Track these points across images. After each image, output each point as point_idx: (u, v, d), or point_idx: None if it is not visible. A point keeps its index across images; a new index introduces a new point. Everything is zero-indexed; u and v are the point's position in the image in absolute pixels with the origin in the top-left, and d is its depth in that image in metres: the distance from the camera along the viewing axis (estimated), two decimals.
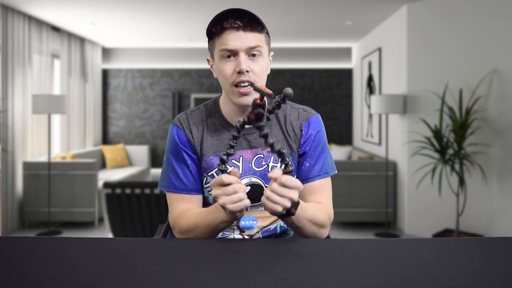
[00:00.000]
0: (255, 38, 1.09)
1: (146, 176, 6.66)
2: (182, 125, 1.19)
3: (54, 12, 4.69)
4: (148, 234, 3.22)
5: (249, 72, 1.09)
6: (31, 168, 4.51)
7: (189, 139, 1.18)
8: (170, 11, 4.72)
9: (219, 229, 1.07)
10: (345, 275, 0.80)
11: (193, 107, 1.25)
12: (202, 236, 1.09)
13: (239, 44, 1.08)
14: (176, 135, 1.19)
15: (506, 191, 3.71)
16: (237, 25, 1.08)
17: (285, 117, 1.20)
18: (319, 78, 7.06)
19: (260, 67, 1.11)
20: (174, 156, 1.18)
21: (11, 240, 1.05)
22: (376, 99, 4.48)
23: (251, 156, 1.17)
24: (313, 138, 1.19)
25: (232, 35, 1.08)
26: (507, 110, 3.72)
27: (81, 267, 0.83)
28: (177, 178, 1.17)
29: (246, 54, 1.09)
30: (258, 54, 1.10)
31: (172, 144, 1.19)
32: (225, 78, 1.11)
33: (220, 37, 1.10)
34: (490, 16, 3.84)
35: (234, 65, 1.09)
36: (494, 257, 0.92)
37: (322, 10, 4.66)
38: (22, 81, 4.59)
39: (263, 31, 1.12)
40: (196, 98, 7.03)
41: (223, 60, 1.10)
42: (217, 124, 1.18)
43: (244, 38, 1.08)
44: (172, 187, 1.18)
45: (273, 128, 1.19)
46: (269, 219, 1.19)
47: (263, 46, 1.12)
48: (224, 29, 1.09)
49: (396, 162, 4.60)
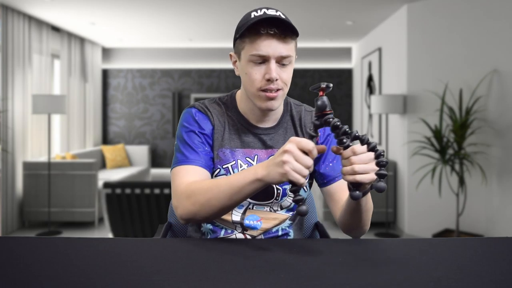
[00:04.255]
0: (288, 47, 1.08)
1: (146, 176, 6.66)
2: (205, 110, 1.18)
3: (54, 12, 4.69)
4: (148, 234, 3.22)
5: (278, 80, 1.08)
6: (31, 168, 4.51)
7: (210, 121, 1.17)
8: (170, 11, 4.71)
9: (246, 191, 0.98)
10: (345, 275, 0.80)
11: (207, 99, 1.23)
12: (217, 202, 1.00)
13: (272, 52, 1.06)
14: (196, 115, 1.17)
15: (506, 191, 3.71)
16: (273, 33, 1.05)
17: (300, 120, 1.22)
18: (319, 78, 7.05)
19: (288, 74, 1.10)
20: (191, 135, 1.15)
21: (11, 240, 1.05)
22: (376, 99, 4.48)
23: (266, 156, 1.17)
24: (331, 139, 1.22)
25: (266, 42, 1.06)
26: (507, 110, 3.72)
27: (81, 267, 0.83)
28: (192, 152, 1.13)
29: (276, 61, 1.08)
30: (287, 62, 1.09)
31: (189, 123, 1.16)
32: (252, 82, 1.10)
33: (253, 42, 1.07)
34: (490, 16, 3.83)
35: (263, 71, 1.08)
36: (494, 257, 0.92)
37: (322, 10, 4.66)
38: (22, 81, 4.59)
39: (295, 38, 1.11)
40: (196, 98, 7.03)
41: (252, 64, 1.09)
42: (234, 120, 1.19)
43: (278, 46, 1.06)
44: (185, 161, 1.12)
45: (288, 131, 1.21)
46: (273, 221, 1.18)
47: (293, 55, 1.10)
48: (260, 35, 1.06)
49: (396, 162, 4.60)
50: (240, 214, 1.16)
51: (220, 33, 5.95)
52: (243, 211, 1.16)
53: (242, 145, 1.17)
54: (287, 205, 1.18)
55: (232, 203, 1.01)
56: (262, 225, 1.16)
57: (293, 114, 1.23)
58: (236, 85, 7.08)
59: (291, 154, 0.89)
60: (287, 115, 1.22)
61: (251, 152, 1.17)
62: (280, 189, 1.15)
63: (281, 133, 1.20)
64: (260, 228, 1.16)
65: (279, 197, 1.16)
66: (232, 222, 1.16)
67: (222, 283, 0.75)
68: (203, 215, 1.04)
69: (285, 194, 1.16)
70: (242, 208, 1.16)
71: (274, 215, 1.17)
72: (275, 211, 1.17)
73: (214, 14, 4.84)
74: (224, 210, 1.03)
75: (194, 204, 1.03)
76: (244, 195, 0.99)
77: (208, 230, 1.19)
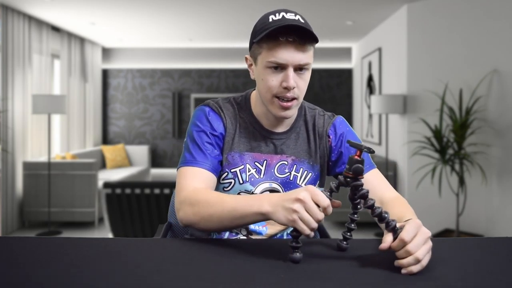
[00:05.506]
0: (307, 55, 1.04)
1: (146, 176, 6.66)
2: (219, 110, 1.15)
3: (54, 12, 4.69)
4: (148, 234, 3.22)
5: (295, 88, 1.05)
6: (31, 168, 4.51)
7: (223, 123, 1.14)
8: (170, 11, 4.71)
9: (247, 220, 0.95)
10: (345, 275, 0.80)
11: (221, 98, 1.19)
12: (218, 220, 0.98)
13: (290, 60, 1.03)
14: (210, 115, 1.14)
15: (506, 191, 3.71)
16: (293, 40, 1.02)
17: (314, 125, 1.20)
18: (319, 78, 7.05)
19: (305, 82, 1.08)
20: (201, 135, 1.12)
21: (11, 240, 1.05)
22: (376, 99, 4.48)
23: (275, 161, 1.15)
24: (344, 137, 1.18)
25: (285, 50, 1.02)
26: (507, 110, 3.72)
27: (81, 267, 0.83)
28: (200, 153, 1.10)
29: (294, 69, 1.05)
30: (305, 70, 1.07)
31: (202, 123, 1.13)
32: (268, 88, 1.07)
33: (271, 49, 1.04)
34: (490, 16, 3.83)
35: (280, 79, 1.05)
36: (494, 257, 0.92)
37: (322, 10, 4.66)
38: (22, 81, 4.59)
39: (314, 45, 1.07)
40: (196, 98, 7.03)
41: (269, 70, 1.06)
42: (247, 122, 1.16)
43: (296, 54, 1.03)
44: (193, 162, 1.09)
45: (300, 136, 1.18)
46: (278, 227, 1.17)
47: (311, 62, 1.07)
48: (279, 42, 1.02)
49: (396, 162, 4.60)
50: None
51: (220, 33, 5.95)
52: None
53: (252, 149, 1.15)
54: None
55: (233, 225, 0.99)
56: (267, 231, 1.16)
57: (307, 118, 1.20)
58: (236, 85, 7.09)
59: (304, 204, 0.83)
60: (300, 119, 1.20)
61: (260, 156, 1.15)
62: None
63: (293, 138, 1.18)
64: (265, 234, 1.16)
65: None
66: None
67: (222, 283, 0.75)
68: (202, 226, 1.02)
69: None
70: None
71: None
72: None
73: (214, 14, 4.83)
74: (225, 228, 1.03)
75: (196, 214, 1.01)
76: (245, 223, 0.97)
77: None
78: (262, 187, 1.13)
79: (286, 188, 1.14)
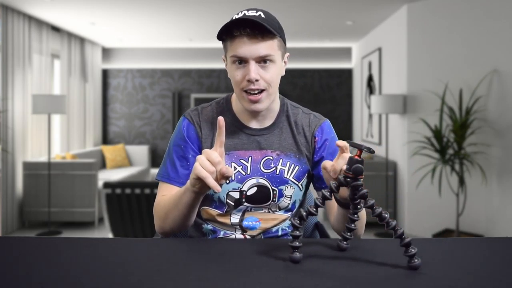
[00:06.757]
0: (266, 46, 1.07)
1: (146, 176, 6.66)
2: (193, 120, 1.19)
3: (54, 12, 4.69)
4: (148, 234, 3.22)
5: (259, 80, 1.08)
6: (31, 168, 4.51)
7: (198, 135, 1.18)
8: (170, 11, 4.72)
9: (183, 200, 1.05)
10: (345, 275, 0.80)
11: (205, 103, 1.25)
12: (170, 213, 1.09)
13: (248, 53, 1.06)
14: (185, 128, 1.19)
15: (506, 191, 3.71)
16: (247, 33, 1.05)
17: (296, 122, 1.21)
18: (319, 78, 7.05)
19: (271, 74, 1.09)
20: (177, 149, 1.18)
21: (11, 240, 1.05)
22: (376, 99, 4.48)
23: (260, 157, 1.17)
24: (329, 143, 1.21)
25: (241, 43, 1.06)
26: (507, 110, 3.72)
27: (81, 267, 0.83)
28: (173, 169, 1.17)
29: (256, 62, 1.08)
30: (269, 61, 1.09)
31: (178, 137, 1.19)
32: (235, 83, 1.11)
33: (231, 44, 1.08)
34: (490, 16, 3.84)
35: (244, 72, 1.08)
36: (494, 257, 0.92)
37: (322, 10, 4.66)
38: (22, 81, 4.59)
39: (275, 37, 1.09)
40: (196, 98, 7.03)
41: (234, 66, 1.10)
42: (228, 122, 1.18)
43: (254, 46, 1.06)
44: (166, 177, 1.18)
45: (284, 131, 1.20)
46: (272, 221, 1.18)
47: (275, 53, 1.09)
48: (234, 36, 1.07)
49: (396, 162, 4.60)
50: (239, 217, 1.16)
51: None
52: (242, 213, 1.16)
53: (235, 148, 1.17)
54: (284, 206, 1.18)
55: (179, 213, 1.07)
56: (261, 225, 1.17)
57: (289, 114, 1.22)
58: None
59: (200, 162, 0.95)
60: (283, 115, 1.21)
61: (245, 153, 1.16)
62: (276, 190, 1.16)
63: (277, 133, 1.19)
64: (259, 227, 1.17)
65: (276, 198, 1.16)
66: (231, 225, 1.16)
67: (222, 283, 0.75)
68: (169, 229, 1.12)
69: (282, 195, 1.16)
70: (241, 211, 1.16)
71: (273, 215, 1.18)
72: (274, 212, 1.18)
73: (214, 14, 4.84)
74: (181, 220, 1.09)
75: (160, 221, 1.13)
76: (183, 204, 1.05)
77: (209, 231, 1.19)
78: (249, 183, 1.15)
79: (273, 183, 1.16)
